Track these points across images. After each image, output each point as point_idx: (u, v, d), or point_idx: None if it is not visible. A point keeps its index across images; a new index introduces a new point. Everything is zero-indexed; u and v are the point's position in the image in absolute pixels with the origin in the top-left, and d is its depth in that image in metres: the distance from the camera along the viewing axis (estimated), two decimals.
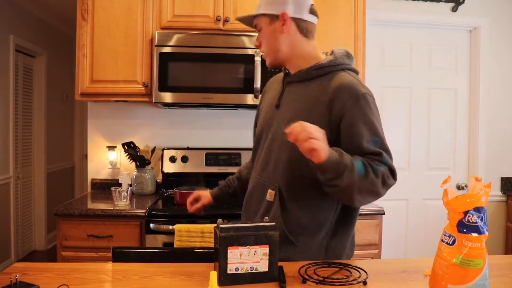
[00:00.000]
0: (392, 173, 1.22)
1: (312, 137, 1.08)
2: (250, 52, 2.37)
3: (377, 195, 1.22)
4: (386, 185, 1.21)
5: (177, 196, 2.28)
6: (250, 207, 1.43)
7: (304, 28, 1.33)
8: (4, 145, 3.58)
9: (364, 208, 2.28)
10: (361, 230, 2.24)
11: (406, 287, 1.12)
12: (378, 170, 1.18)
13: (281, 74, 1.48)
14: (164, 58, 2.35)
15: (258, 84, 2.36)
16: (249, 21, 1.39)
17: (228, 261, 1.09)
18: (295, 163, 1.27)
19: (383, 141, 1.23)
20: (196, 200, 1.67)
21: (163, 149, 2.68)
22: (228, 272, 1.09)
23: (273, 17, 1.31)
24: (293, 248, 1.29)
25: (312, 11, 1.34)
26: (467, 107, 3.09)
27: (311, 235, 1.29)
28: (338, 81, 1.26)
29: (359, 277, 1.15)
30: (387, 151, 1.23)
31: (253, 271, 1.11)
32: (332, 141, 1.19)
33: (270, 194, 1.31)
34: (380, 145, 1.22)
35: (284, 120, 1.30)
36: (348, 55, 1.35)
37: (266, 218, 1.17)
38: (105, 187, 2.75)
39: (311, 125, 1.12)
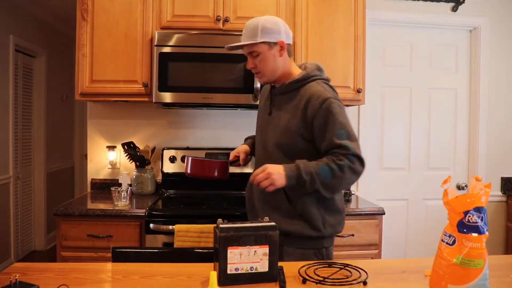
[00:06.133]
0: (360, 160, 1.49)
1: (270, 177, 1.44)
2: None
3: (347, 184, 1.53)
4: (356, 173, 1.49)
5: (192, 165, 1.80)
6: (256, 195, 1.68)
7: (290, 51, 1.65)
8: (4, 145, 3.58)
9: (364, 208, 2.28)
10: (361, 230, 2.24)
11: (406, 287, 1.12)
12: (343, 165, 1.46)
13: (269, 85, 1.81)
14: (164, 58, 2.35)
15: (258, 84, 2.35)
16: (238, 47, 1.64)
17: (228, 261, 1.09)
18: (288, 159, 1.55)
19: (349, 133, 1.51)
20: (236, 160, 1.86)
21: (163, 149, 2.68)
22: (228, 272, 1.09)
23: (272, 44, 1.58)
24: (299, 222, 1.56)
25: (291, 36, 1.65)
26: (467, 107, 3.09)
27: (311, 211, 1.56)
28: (309, 91, 1.57)
29: (359, 277, 1.15)
30: (354, 141, 1.50)
31: (253, 271, 1.11)
32: (310, 139, 1.55)
33: None
34: (346, 137, 1.50)
35: (274, 126, 1.64)
36: (318, 68, 1.66)
37: (266, 218, 1.17)
38: (105, 187, 2.75)
39: (270, 166, 1.47)
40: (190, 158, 1.79)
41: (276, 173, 1.45)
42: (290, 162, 1.50)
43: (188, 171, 1.80)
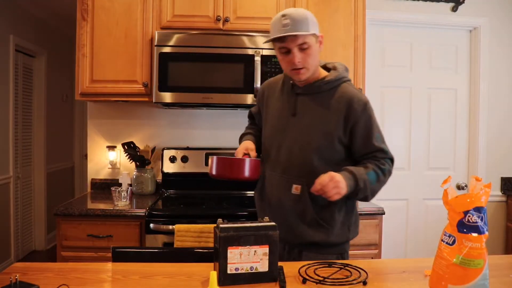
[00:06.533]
0: (392, 162, 1.55)
1: (338, 185, 1.36)
2: (250, 52, 2.37)
3: (383, 186, 1.54)
4: (390, 176, 1.53)
5: (219, 164, 1.53)
6: (273, 201, 1.59)
7: None
8: (4, 145, 3.58)
9: (364, 208, 2.28)
10: (361, 230, 2.21)
11: (406, 287, 1.12)
12: (385, 170, 1.50)
13: (277, 80, 1.69)
14: (164, 58, 2.35)
15: (258, 84, 2.35)
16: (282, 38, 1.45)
17: (228, 261, 1.09)
18: (320, 162, 1.50)
19: (382, 136, 1.55)
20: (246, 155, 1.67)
21: (163, 149, 2.68)
22: (228, 272, 1.09)
23: (316, 37, 1.50)
24: (326, 231, 1.52)
25: None
26: (467, 107, 3.09)
27: (336, 218, 1.53)
28: (347, 93, 1.52)
29: (359, 277, 1.15)
30: (385, 143, 1.54)
31: (253, 271, 1.11)
32: (344, 142, 1.51)
33: (296, 188, 1.50)
34: (381, 140, 1.53)
35: (303, 127, 1.53)
36: (346, 69, 1.62)
37: (266, 218, 1.17)
38: (105, 187, 2.75)
39: (336, 174, 1.38)
40: (215, 158, 1.53)
41: (342, 181, 1.37)
42: (324, 166, 1.45)
43: (214, 172, 1.53)
